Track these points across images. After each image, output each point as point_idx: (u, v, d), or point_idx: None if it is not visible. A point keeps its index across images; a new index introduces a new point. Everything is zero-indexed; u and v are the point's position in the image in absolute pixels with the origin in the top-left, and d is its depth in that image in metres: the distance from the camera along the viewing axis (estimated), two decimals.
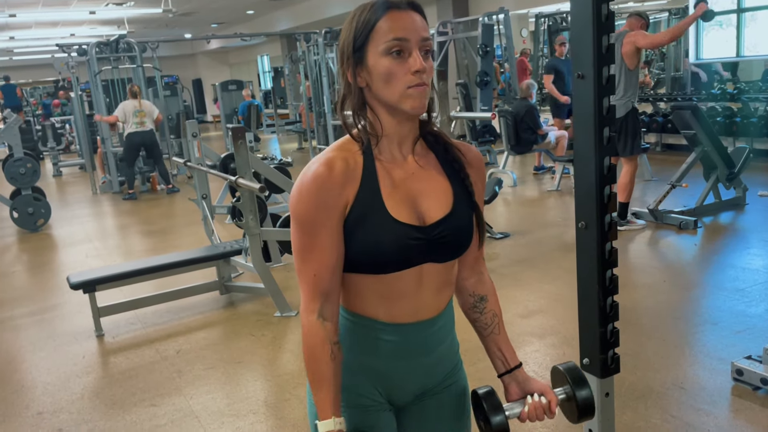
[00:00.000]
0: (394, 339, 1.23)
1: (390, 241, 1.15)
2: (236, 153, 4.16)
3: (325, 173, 1.15)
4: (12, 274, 5.97)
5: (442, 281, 1.24)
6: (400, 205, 1.18)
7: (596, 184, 1.73)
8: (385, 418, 1.29)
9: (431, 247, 1.19)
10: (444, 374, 1.33)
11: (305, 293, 1.19)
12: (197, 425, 2.86)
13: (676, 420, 2.58)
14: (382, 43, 1.12)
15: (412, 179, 1.21)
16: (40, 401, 3.24)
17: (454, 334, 1.35)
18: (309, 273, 1.17)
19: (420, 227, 1.18)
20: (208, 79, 22.93)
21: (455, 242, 1.22)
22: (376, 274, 1.18)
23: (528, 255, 4.97)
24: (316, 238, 1.16)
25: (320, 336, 1.18)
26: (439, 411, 1.34)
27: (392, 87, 1.13)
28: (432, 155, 1.25)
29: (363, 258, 1.17)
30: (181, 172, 10.29)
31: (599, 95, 1.68)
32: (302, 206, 1.16)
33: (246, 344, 3.75)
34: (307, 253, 1.17)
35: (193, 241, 5.92)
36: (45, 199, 7.79)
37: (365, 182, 1.17)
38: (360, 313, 1.23)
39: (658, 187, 6.29)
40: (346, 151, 1.19)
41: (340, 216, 1.16)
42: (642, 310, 3.70)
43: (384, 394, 1.29)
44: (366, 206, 1.16)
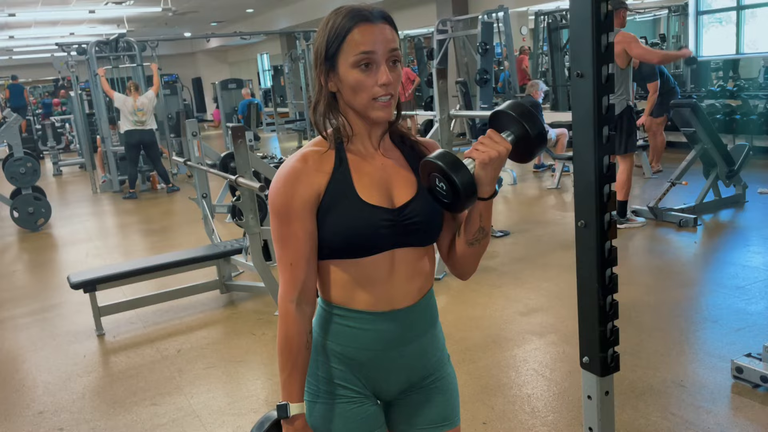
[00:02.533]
0: (370, 328, 1.27)
1: (361, 224, 1.22)
2: (236, 152, 4.16)
3: (299, 167, 1.24)
4: (12, 273, 5.98)
5: (414, 268, 1.28)
6: (370, 190, 1.24)
7: (596, 182, 1.73)
8: (371, 409, 1.31)
9: (401, 230, 1.25)
10: (428, 368, 1.35)
11: (283, 281, 1.26)
12: (198, 424, 2.86)
13: (676, 418, 2.58)
14: (352, 55, 1.19)
15: (382, 169, 1.28)
16: (41, 400, 3.24)
17: (437, 328, 1.37)
18: (286, 262, 1.24)
19: (390, 209, 1.24)
20: (208, 77, 22.93)
21: (425, 225, 1.27)
22: (348, 258, 1.24)
23: (528, 253, 4.98)
24: (291, 228, 1.23)
25: (297, 324, 1.25)
26: (427, 405, 1.35)
27: (360, 97, 1.21)
28: (398, 151, 1.33)
29: (336, 241, 1.23)
30: (181, 170, 10.29)
31: (598, 94, 1.68)
32: (279, 198, 1.23)
33: (246, 343, 3.75)
34: (284, 242, 1.24)
35: (194, 240, 5.92)
36: (45, 198, 7.79)
37: (337, 171, 1.25)
38: (336, 303, 1.28)
39: (658, 184, 6.29)
40: (321, 146, 1.28)
41: (313, 206, 1.23)
42: (642, 307, 3.70)
43: (368, 386, 1.31)
44: (338, 192, 1.23)
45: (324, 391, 1.29)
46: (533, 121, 1.23)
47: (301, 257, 1.23)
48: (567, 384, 2.90)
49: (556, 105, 10.62)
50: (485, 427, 2.59)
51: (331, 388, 1.29)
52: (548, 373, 3.05)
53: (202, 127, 18.43)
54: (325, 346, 1.29)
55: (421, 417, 1.35)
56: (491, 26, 8.94)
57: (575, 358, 2.13)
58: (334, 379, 1.29)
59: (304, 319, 1.25)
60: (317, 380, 1.30)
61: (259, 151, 11.51)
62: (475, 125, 8.98)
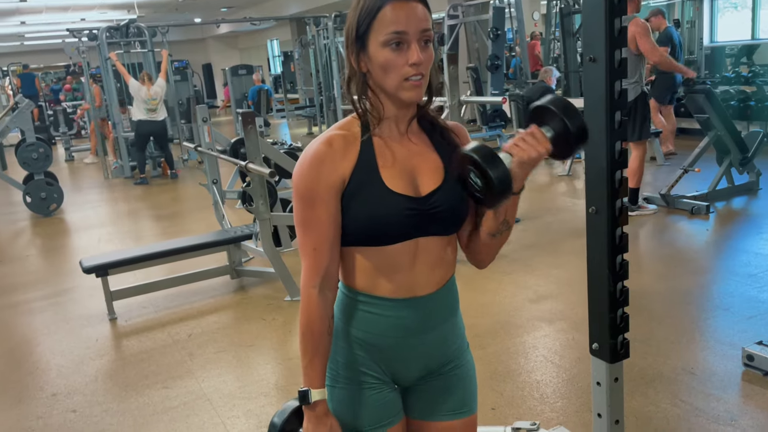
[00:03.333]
0: (391, 314, 1.26)
1: (385, 211, 1.20)
2: (246, 138, 4.16)
3: (324, 150, 1.21)
4: (26, 258, 6.03)
5: (437, 257, 1.27)
6: (396, 178, 1.22)
7: (607, 168, 1.72)
8: (389, 395, 1.31)
9: (426, 219, 1.23)
10: (447, 356, 1.34)
11: (306, 267, 1.24)
12: (209, 407, 2.89)
13: (685, 405, 2.58)
14: (382, 35, 1.16)
15: (408, 156, 1.26)
16: (55, 383, 3.28)
17: (458, 316, 1.37)
18: (309, 246, 1.23)
19: (415, 198, 1.22)
20: (218, 63, 22.91)
21: (449, 213, 1.25)
22: (372, 245, 1.23)
23: (538, 240, 4.96)
24: (315, 212, 1.21)
25: (320, 310, 1.24)
26: (445, 393, 1.35)
27: (390, 77, 1.18)
28: (425, 136, 1.30)
29: (359, 228, 1.21)
30: (191, 156, 10.32)
31: (611, 79, 1.67)
32: (303, 182, 1.21)
33: (257, 328, 3.78)
34: (307, 227, 1.22)
35: (204, 226, 5.95)
36: (57, 184, 7.84)
37: (362, 156, 1.22)
38: (358, 289, 1.27)
39: (670, 171, 6.23)
40: (346, 129, 1.25)
41: (337, 191, 1.21)
42: (652, 295, 3.69)
43: (387, 372, 1.31)
44: (363, 179, 1.21)
45: (343, 377, 1.29)
46: (575, 118, 1.19)
47: (324, 242, 1.22)
48: (576, 371, 2.90)
49: (568, 91, 10.52)
50: (494, 413, 2.60)
51: (351, 373, 1.29)
52: (557, 359, 3.05)
53: (213, 113, 18.43)
54: (346, 331, 1.28)
55: (439, 404, 1.35)
56: (503, 11, 8.86)
57: (584, 344, 2.13)
58: (353, 364, 1.28)
59: (326, 304, 1.24)
60: (337, 365, 1.30)
61: (269, 137, 11.51)
62: (485, 111, 8.93)
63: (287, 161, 5.35)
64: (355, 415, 1.28)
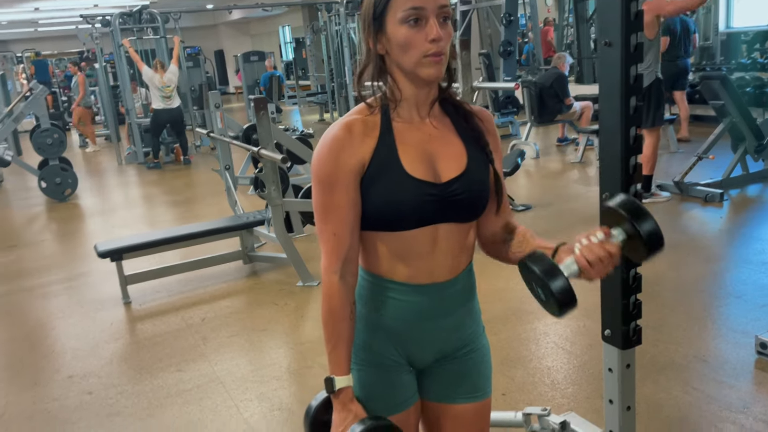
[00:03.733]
0: (410, 299, 1.26)
1: (405, 197, 1.19)
2: (259, 124, 4.17)
3: (343, 135, 1.20)
4: (41, 242, 6.10)
5: (457, 244, 1.26)
6: (415, 163, 1.21)
7: (621, 154, 1.71)
8: (405, 378, 1.32)
9: (446, 205, 1.22)
10: (463, 340, 1.34)
11: (326, 253, 1.24)
12: (222, 390, 2.92)
13: (697, 392, 2.58)
14: (400, 11, 1.15)
15: (429, 140, 1.24)
16: (70, 366, 3.33)
17: (475, 301, 1.37)
18: (329, 232, 1.22)
19: (435, 184, 1.21)
20: (230, 50, 22.90)
21: (470, 201, 1.25)
22: (391, 231, 1.22)
23: (549, 227, 4.94)
24: (335, 197, 1.20)
25: (341, 295, 1.23)
26: (460, 376, 1.36)
27: (409, 55, 1.17)
28: (448, 120, 1.28)
29: (379, 214, 1.21)
30: (204, 143, 10.36)
31: (626, 63, 1.65)
32: (322, 167, 1.21)
33: (269, 313, 3.81)
34: (327, 212, 1.22)
35: (217, 212, 5.98)
36: (72, 169, 7.90)
37: (382, 141, 1.21)
38: (377, 273, 1.27)
39: (684, 159, 6.18)
40: (366, 114, 1.24)
41: (357, 175, 1.20)
42: (665, 282, 3.67)
43: (403, 355, 1.31)
44: (382, 163, 1.20)
45: (360, 359, 1.30)
46: (645, 220, 1.12)
47: (344, 227, 1.21)
48: (587, 357, 2.90)
49: (581, 78, 10.44)
50: (505, 398, 2.61)
51: (367, 355, 1.29)
52: (568, 346, 3.05)
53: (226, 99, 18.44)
54: (363, 314, 1.29)
55: (453, 387, 1.35)
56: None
57: (595, 331, 2.13)
58: (370, 346, 1.29)
59: (348, 290, 1.24)
60: (354, 347, 1.30)
61: (280, 124, 11.52)
62: (497, 98, 8.88)
63: (299, 147, 5.36)
64: (371, 396, 1.29)
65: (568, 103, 7.33)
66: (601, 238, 1.16)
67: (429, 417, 1.39)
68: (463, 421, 1.37)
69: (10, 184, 9.06)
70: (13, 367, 3.39)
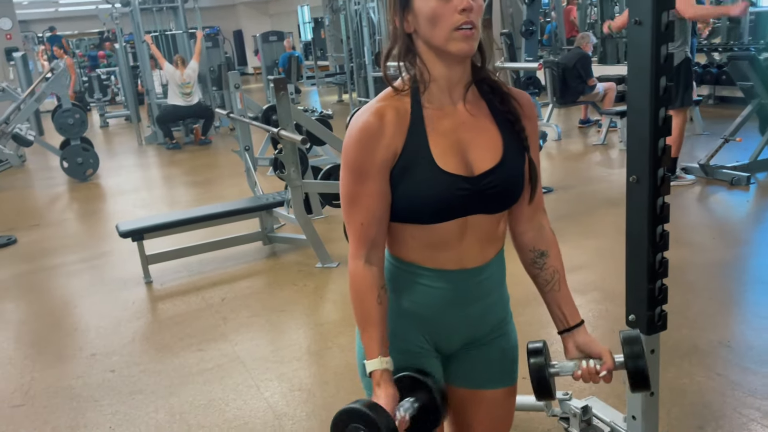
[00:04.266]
0: (438, 285, 1.24)
1: (436, 192, 1.15)
2: (278, 104, 4.15)
3: (374, 123, 1.16)
4: (63, 222, 6.18)
5: (487, 233, 1.23)
6: (447, 155, 1.16)
7: (650, 136, 1.66)
8: (431, 364, 1.31)
9: (478, 198, 1.18)
10: (491, 326, 1.33)
11: (353, 240, 1.22)
12: (242, 370, 2.95)
13: (721, 378, 2.54)
14: None
15: (462, 128, 1.19)
16: (93, 344, 3.38)
17: (504, 287, 1.35)
18: (356, 221, 1.19)
19: (468, 177, 1.17)
20: (249, 30, 22.83)
21: (504, 193, 1.21)
22: (420, 224, 1.19)
23: (571, 210, 4.89)
24: (364, 186, 1.17)
25: (367, 280, 1.20)
26: (486, 362, 1.34)
27: (439, 29, 1.11)
28: (484, 103, 1.23)
29: (408, 208, 1.18)
30: (223, 123, 10.38)
31: (657, 42, 1.60)
32: (353, 156, 1.17)
33: (288, 294, 3.82)
34: (355, 201, 1.19)
35: (236, 193, 6.00)
36: (93, 149, 7.97)
37: (413, 132, 1.16)
38: (406, 260, 1.24)
39: (710, 141, 6.06)
40: (396, 100, 1.19)
41: (387, 166, 1.16)
42: (689, 267, 3.62)
43: (430, 341, 1.30)
44: (413, 156, 1.16)
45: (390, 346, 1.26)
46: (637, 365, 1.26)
47: (372, 217, 1.18)
48: (608, 342, 2.84)
49: (604, 58, 10.26)
50: (524, 382, 2.59)
51: (395, 341, 1.26)
52: (590, 330, 2.99)
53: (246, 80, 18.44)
54: (391, 300, 1.26)
55: (480, 373, 1.34)
56: None
57: (618, 315, 2.10)
58: (397, 332, 1.26)
59: (374, 274, 1.21)
60: None
61: (299, 104, 11.50)
62: (519, 78, 8.75)
63: (319, 128, 5.33)
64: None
65: (591, 84, 7.22)
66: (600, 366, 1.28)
67: (455, 403, 1.38)
68: (489, 407, 1.36)
69: (32, 163, 9.16)
70: (38, 345, 3.45)
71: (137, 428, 2.57)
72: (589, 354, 1.30)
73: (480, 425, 1.38)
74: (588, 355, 1.30)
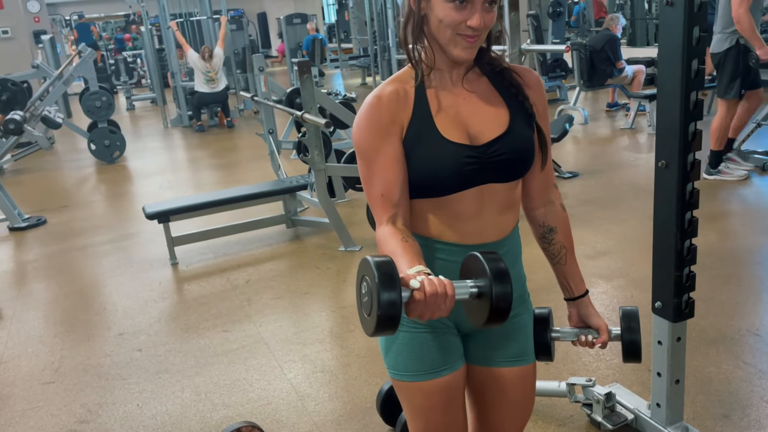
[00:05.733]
0: (459, 260, 1.21)
1: (444, 161, 1.20)
2: (302, 88, 4.15)
3: (375, 102, 1.23)
4: (92, 203, 6.28)
5: (504, 202, 1.27)
6: (451, 127, 1.22)
7: (680, 120, 1.63)
8: (452, 340, 1.32)
9: (487, 166, 1.22)
10: None
11: (376, 213, 1.24)
12: (266, 351, 2.98)
13: (749, 367, 2.50)
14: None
15: (463, 103, 1.24)
16: (121, 323, 3.44)
17: (521, 264, 1.37)
18: (376, 194, 1.22)
19: (473, 146, 1.21)
20: (273, 12, 22.77)
21: (513, 161, 1.24)
22: (436, 196, 1.23)
23: (597, 195, 4.83)
24: (377, 161, 1.21)
25: (390, 230, 1.20)
26: (504, 339, 1.35)
27: (445, 31, 1.17)
28: (485, 79, 1.28)
29: (420, 180, 1.22)
30: (247, 106, 10.42)
31: (689, 24, 1.57)
32: (359, 135, 1.24)
33: (312, 276, 3.84)
34: (371, 176, 1.23)
35: (260, 176, 6.03)
36: (120, 131, 8.06)
37: (417, 107, 1.22)
38: (426, 235, 1.26)
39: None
40: (399, 82, 1.25)
41: (397, 138, 1.21)
42: (718, 253, 3.56)
43: (451, 318, 1.31)
44: (419, 129, 1.21)
45: (410, 322, 1.28)
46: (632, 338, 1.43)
47: (392, 185, 1.20)
48: None
49: (633, 40, 10.07)
50: (548, 368, 2.58)
51: None
52: (615, 316, 2.99)
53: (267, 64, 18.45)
54: None
55: (498, 350, 1.35)
56: None
57: (643, 302, 2.08)
58: None
59: (398, 228, 1.19)
60: None
61: (323, 87, 11.48)
62: (545, 61, 8.63)
63: (343, 112, 5.32)
64: (419, 358, 1.29)
65: (619, 67, 7.09)
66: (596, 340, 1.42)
67: (474, 381, 1.39)
68: (508, 385, 1.36)
69: (61, 145, 9.31)
70: (68, 323, 3.52)
71: (163, 406, 2.61)
72: (589, 325, 1.43)
73: (498, 408, 1.38)
74: (588, 326, 1.43)
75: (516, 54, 4.25)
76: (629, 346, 1.41)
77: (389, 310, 0.98)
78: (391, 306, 0.98)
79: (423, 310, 1.03)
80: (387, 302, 0.98)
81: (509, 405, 1.38)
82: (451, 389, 1.31)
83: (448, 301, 1.04)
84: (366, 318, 1.04)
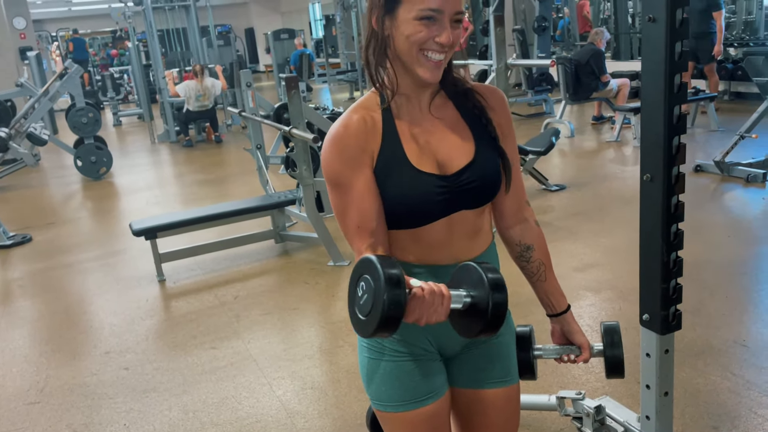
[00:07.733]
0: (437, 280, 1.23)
1: (415, 193, 1.18)
2: (290, 103, 4.16)
3: (342, 132, 1.20)
4: (78, 220, 6.23)
5: (472, 227, 1.26)
6: (421, 157, 1.20)
7: (664, 134, 1.65)
8: (435, 366, 1.32)
9: (458, 196, 1.21)
10: None
11: (355, 244, 1.21)
12: (255, 368, 2.95)
13: (736, 378, 2.52)
14: (417, 9, 1.13)
15: (431, 132, 1.23)
16: (108, 341, 3.40)
17: None
18: (353, 226, 1.20)
19: (444, 176, 1.20)
20: (261, 28, 22.87)
21: (483, 188, 1.24)
22: (405, 228, 1.21)
23: (584, 208, 4.87)
24: (350, 192, 1.19)
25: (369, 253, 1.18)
26: (487, 360, 1.35)
27: (412, 49, 1.15)
28: (451, 104, 1.26)
29: (392, 210, 1.19)
30: (235, 122, 10.41)
31: (671, 39, 1.59)
32: (330, 166, 1.21)
33: (300, 292, 3.83)
34: (345, 208, 1.20)
35: (248, 191, 6.02)
36: (106, 148, 8.02)
37: (386, 136, 1.20)
38: (402, 260, 1.25)
39: (725, 138, 6.00)
40: (364, 109, 1.22)
41: (368, 167, 1.19)
42: (704, 265, 3.58)
43: (434, 344, 1.31)
44: (389, 158, 1.19)
45: (390, 350, 1.28)
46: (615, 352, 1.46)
47: (366, 215, 1.18)
48: (623, 341, 2.84)
49: (618, 54, 10.19)
50: (537, 382, 2.58)
51: (397, 346, 1.28)
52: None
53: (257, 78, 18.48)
54: None
55: (483, 372, 1.35)
56: None
57: (631, 315, 2.08)
58: (402, 337, 1.27)
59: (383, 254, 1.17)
60: (386, 340, 1.28)
61: (310, 102, 11.51)
62: (531, 75, 8.71)
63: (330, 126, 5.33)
64: (402, 387, 1.28)
65: (604, 81, 7.17)
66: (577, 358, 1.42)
67: (459, 405, 1.38)
68: (494, 407, 1.36)
69: (47, 162, 9.24)
70: (54, 342, 3.48)
71: (151, 426, 2.58)
72: (572, 343, 1.43)
73: (486, 430, 1.38)
74: (570, 343, 1.43)
75: (502, 68, 4.29)
76: (611, 362, 1.42)
77: (394, 309, 0.99)
78: (396, 304, 0.99)
79: (422, 310, 1.04)
80: (393, 300, 0.99)
81: (496, 426, 1.37)
82: (435, 417, 1.30)
83: (446, 302, 1.06)
84: (362, 319, 1.04)
